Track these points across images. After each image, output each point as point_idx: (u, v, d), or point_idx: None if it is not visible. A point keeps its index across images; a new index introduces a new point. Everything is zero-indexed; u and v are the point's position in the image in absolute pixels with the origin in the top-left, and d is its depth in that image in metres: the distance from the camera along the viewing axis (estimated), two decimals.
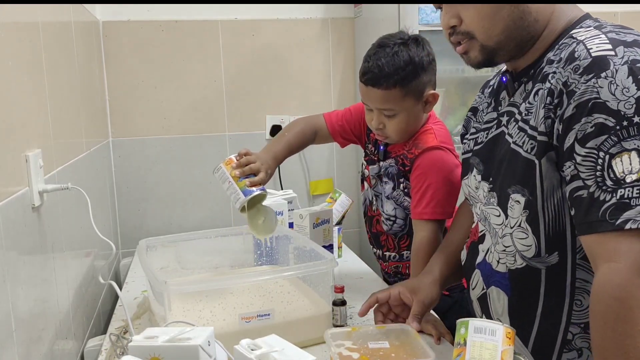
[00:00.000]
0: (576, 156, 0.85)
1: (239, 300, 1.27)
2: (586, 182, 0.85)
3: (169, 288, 1.16)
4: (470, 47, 0.99)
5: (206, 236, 1.59)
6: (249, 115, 2.33)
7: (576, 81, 0.85)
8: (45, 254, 1.12)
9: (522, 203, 0.95)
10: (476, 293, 1.10)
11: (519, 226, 0.96)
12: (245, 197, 1.29)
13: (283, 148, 1.49)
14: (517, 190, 0.95)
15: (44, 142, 1.16)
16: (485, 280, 1.06)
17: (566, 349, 0.96)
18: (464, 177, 1.16)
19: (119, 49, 2.18)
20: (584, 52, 0.87)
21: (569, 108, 0.86)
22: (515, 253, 0.98)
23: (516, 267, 0.99)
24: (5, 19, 0.97)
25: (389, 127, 1.39)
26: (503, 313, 1.03)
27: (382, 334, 1.18)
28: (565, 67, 0.88)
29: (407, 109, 1.37)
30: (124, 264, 1.99)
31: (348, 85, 2.41)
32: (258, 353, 0.87)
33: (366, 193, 1.59)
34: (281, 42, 2.32)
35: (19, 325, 0.91)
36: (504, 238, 1.00)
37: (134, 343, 0.88)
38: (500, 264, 1.02)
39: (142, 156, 2.25)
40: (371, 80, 1.34)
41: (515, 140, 0.96)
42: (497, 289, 1.03)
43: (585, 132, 0.84)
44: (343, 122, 1.58)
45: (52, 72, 1.27)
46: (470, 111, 1.22)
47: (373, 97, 1.36)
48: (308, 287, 1.39)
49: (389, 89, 1.33)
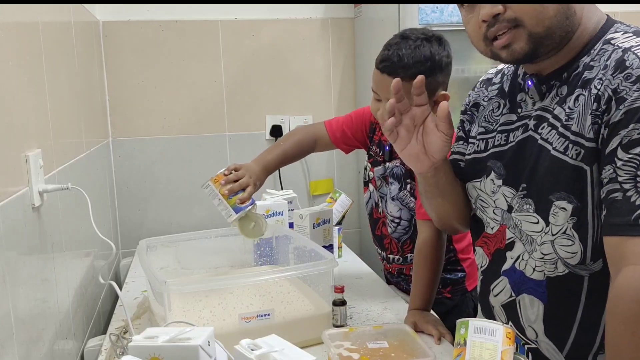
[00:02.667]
0: (617, 160, 0.85)
1: (239, 300, 1.27)
2: (623, 186, 0.84)
3: (169, 288, 1.16)
4: (515, 37, 0.92)
5: (206, 236, 1.59)
6: (249, 115, 2.33)
7: (627, 88, 0.85)
8: (45, 254, 1.12)
9: (568, 210, 0.93)
10: (500, 299, 1.07)
11: (564, 233, 0.94)
12: (237, 214, 1.36)
13: (276, 158, 1.50)
14: (563, 197, 0.93)
15: (44, 142, 1.16)
16: (514, 287, 1.04)
17: (602, 351, 0.95)
18: (474, 180, 1.10)
19: (119, 49, 2.18)
20: (636, 61, 0.86)
21: (618, 114, 0.85)
22: (557, 260, 0.96)
23: (557, 274, 0.97)
24: (5, 19, 0.97)
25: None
26: (537, 320, 1.01)
27: (381, 334, 1.18)
28: (614, 75, 0.87)
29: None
30: (124, 264, 2.00)
31: (348, 85, 2.41)
32: (258, 353, 0.87)
33: (372, 195, 1.58)
34: (281, 42, 2.32)
35: (19, 325, 0.91)
36: (543, 245, 0.97)
37: (134, 343, 0.87)
38: (537, 271, 0.99)
39: (142, 156, 2.25)
40: (388, 68, 1.32)
41: (556, 146, 0.93)
42: (530, 297, 1.01)
43: (631, 138, 0.84)
44: (344, 129, 1.57)
45: (52, 72, 1.27)
46: (472, 106, 1.15)
47: (386, 85, 1.30)
48: (308, 287, 1.39)
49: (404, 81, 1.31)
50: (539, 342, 1.02)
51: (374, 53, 1.42)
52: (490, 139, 1.08)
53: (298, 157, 1.58)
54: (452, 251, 1.49)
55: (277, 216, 1.73)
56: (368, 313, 1.45)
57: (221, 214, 1.39)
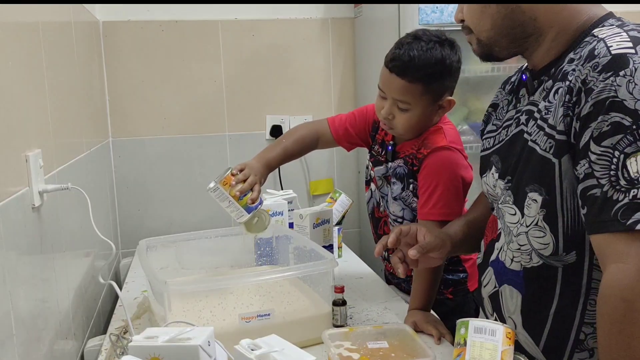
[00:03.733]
0: (591, 154, 0.85)
1: (239, 300, 1.27)
2: (600, 181, 0.84)
3: (169, 288, 1.16)
4: (471, 40, 1.04)
5: (206, 236, 1.59)
6: (249, 115, 2.33)
7: (594, 79, 0.84)
8: (45, 254, 1.12)
9: (539, 202, 0.94)
10: (487, 290, 1.10)
11: (536, 225, 0.96)
12: (249, 214, 1.37)
13: (277, 155, 1.49)
14: (535, 189, 0.95)
15: (44, 142, 1.16)
16: (497, 278, 1.06)
17: (578, 349, 0.96)
18: (483, 175, 1.15)
19: (119, 49, 2.18)
20: (604, 49, 0.86)
21: (587, 106, 0.85)
22: (532, 251, 0.98)
23: (532, 265, 0.98)
24: (5, 19, 0.97)
25: (398, 120, 1.36)
26: (515, 311, 1.02)
27: (380, 334, 1.18)
28: (584, 65, 0.87)
29: (421, 107, 1.34)
30: (124, 264, 2.00)
31: (348, 85, 2.41)
32: (258, 353, 0.87)
33: (373, 194, 1.58)
34: (281, 42, 2.32)
35: (19, 325, 0.91)
36: (519, 236, 0.99)
37: (134, 343, 0.88)
38: (515, 262, 1.01)
39: (142, 156, 2.25)
40: (397, 68, 1.31)
41: (534, 138, 0.95)
42: (509, 287, 1.03)
43: (601, 130, 0.83)
44: (347, 127, 1.56)
45: (52, 72, 1.27)
46: (490, 107, 1.20)
47: (393, 85, 1.33)
48: (308, 287, 1.39)
49: (412, 82, 1.30)
50: (517, 334, 1.03)
51: (374, 53, 1.42)
52: (496, 136, 1.11)
53: (300, 155, 1.57)
54: None
55: (277, 216, 1.73)
56: (368, 313, 1.45)
57: (230, 215, 1.38)
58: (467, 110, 2.14)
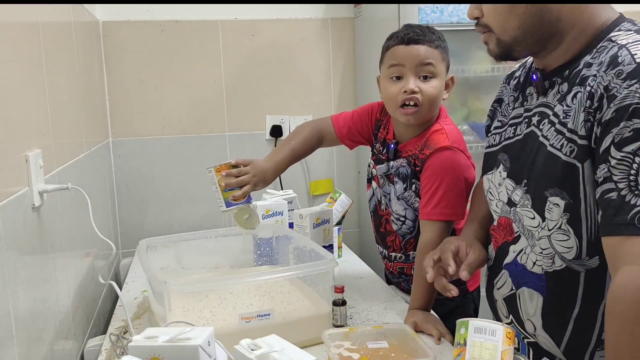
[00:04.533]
0: (611, 159, 0.86)
1: (239, 300, 1.27)
2: (618, 185, 0.85)
3: (169, 288, 1.16)
4: (488, 39, 1.02)
5: (206, 236, 1.59)
6: (249, 115, 2.33)
7: (618, 86, 0.86)
8: (45, 254, 1.12)
9: (561, 206, 0.94)
10: (502, 293, 1.10)
11: (559, 228, 0.96)
12: (227, 208, 1.41)
13: (286, 157, 1.50)
14: (556, 193, 0.94)
15: (44, 142, 1.16)
16: (515, 280, 1.06)
17: (600, 348, 0.96)
18: (488, 172, 1.14)
19: (119, 49, 2.18)
20: (628, 57, 0.87)
21: (609, 112, 0.86)
22: (554, 255, 0.98)
23: (554, 269, 0.98)
24: (5, 19, 0.97)
25: (424, 92, 1.36)
26: (535, 314, 1.02)
27: (380, 334, 1.18)
28: (607, 72, 0.88)
29: (441, 76, 1.38)
30: (124, 264, 1.99)
31: (348, 85, 2.41)
32: (258, 353, 0.87)
33: (375, 192, 1.58)
34: (281, 42, 2.32)
35: (19, 325, 0.91)
36: (541, 240, 0.99)
37: (134, 343, 0.88)
38: (537, 265, 1.01)
39: (142, 156, 2.25)
40: (415, 39, 1.36)
41: (553, 143, 0.95)
42: (529, 290, 1.03)
43: (623, 136, 0.84)
44: (350, 125, 1.56)
45: (52, 72, 1.27)
46: (495, 102, 1.21)
47: (414, 53, 1.36)
48: (308, 287, 1.39)
49: (431, 47, 1.36)
50: (537, 335, 1.03)
51: (374, 53, 1.42)
52: (503, 133, 1.11)
53: (306, 154, 1.59)
54: None
55: (277, 216, 1.73)
56: (368, 313, 1.45)
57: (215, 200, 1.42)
58: (467, 110, 2.14)
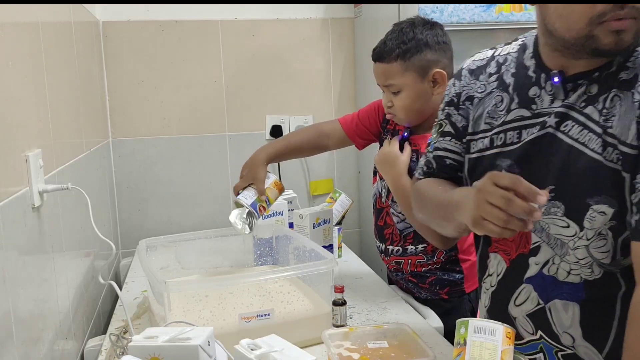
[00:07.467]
0: None
1: (239, 300, 1.27)
2: None
3: (169, 288, 1.16)
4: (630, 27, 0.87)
5: (206, 236, 1.59)
6: (249, 115, 2.33)
7: None
8: (45, 254, 1.12)
9: (608, 214, 0.90)
10: (524, 310, 1.03)
11: (599, 234, 0.92)
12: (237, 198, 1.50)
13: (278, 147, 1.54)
14: (603, 201, 0.90)
15: (44, 142, 1.16)
16: (542, 294, 1.00)
17: None
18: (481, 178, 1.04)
19: (119, 49, 2.18)
20: None
21: None
22: (592, 263, 0.94)
23: (594, 277, 0.95)
24: (5, 19, 0.97)
25: (396, 105, 1.42)
26: (572, 325, 0.98)
27: (380, 334, 1.18)
28: None
29: (409, 85, 1.38)
30: (124, 264, 1.99)
31: (348, 85, 2.41)
32: (258, 353, 0.87)
33: (377, 185, 1.59)
34: (281, 42, 2.32)
35: (19, 325, 0.91)
36: (577, 250, 0.95)
37: (134, 343, 0.88)
38: (572, 274, 0.96)
39: (142, 156, 2.25)
40: (376, 55, 1.41)
41: (594, 148, 0.91)
42: (563, 302, 0.98)
43: None
44: (358, 122, 1.59)
45: (52, 72, 1.27)
46: (466, 100, 1.09)
47: (377, 72, 1.42)
48: (308, 287, 1.39)
49: (389, 63, 1.38)
50: (576, 346, 0.99)
51: None
52: (494, 136, 1.03)
53: (305, 150, 1.62)
54: (454, 249, 1.48)
55: (277, 216, 1.73)
56: (368, 313, 1.45)
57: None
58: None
